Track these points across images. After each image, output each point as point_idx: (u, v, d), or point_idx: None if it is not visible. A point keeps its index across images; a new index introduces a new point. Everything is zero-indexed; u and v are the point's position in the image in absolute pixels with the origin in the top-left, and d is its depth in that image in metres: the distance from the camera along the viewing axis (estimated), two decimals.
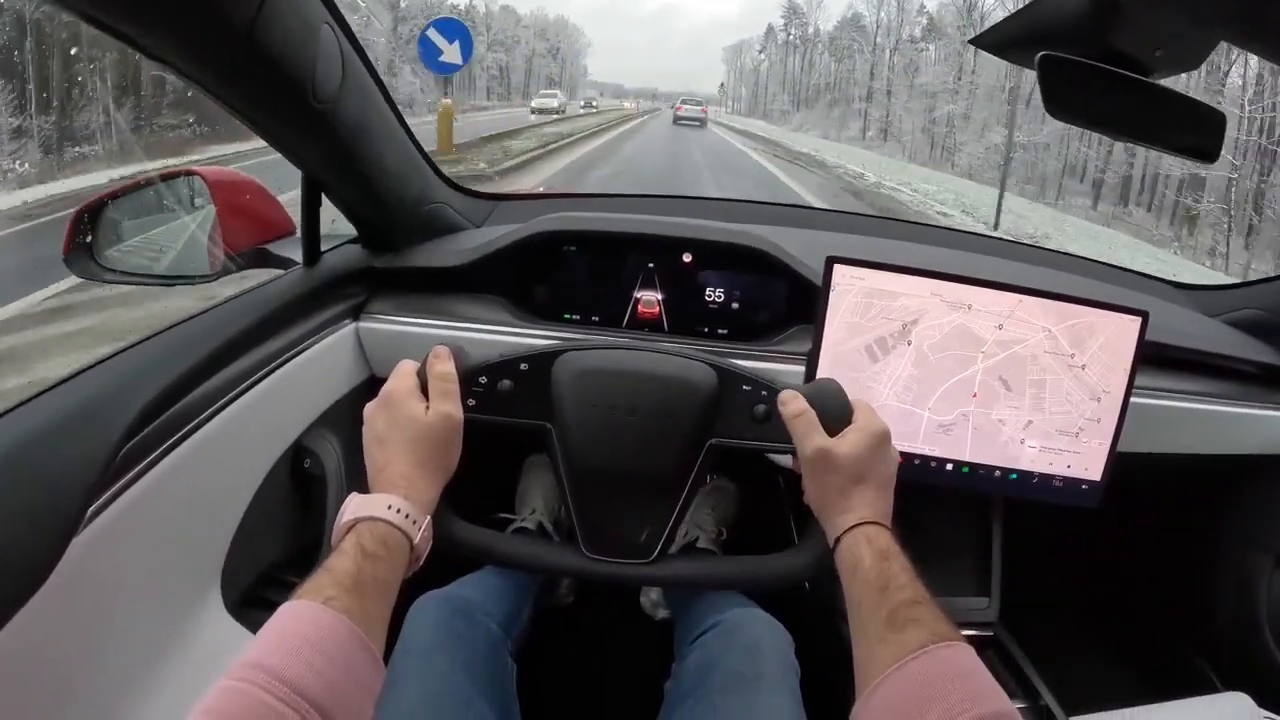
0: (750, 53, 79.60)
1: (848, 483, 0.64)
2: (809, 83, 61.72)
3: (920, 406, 0.90)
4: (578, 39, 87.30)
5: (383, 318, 1.03)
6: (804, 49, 63.75)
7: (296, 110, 0.75)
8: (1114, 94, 0.73)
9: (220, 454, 0.77)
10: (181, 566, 0.75)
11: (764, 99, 71.80)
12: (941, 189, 19.62)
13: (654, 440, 0.69)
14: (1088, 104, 0.75)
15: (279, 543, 0.91)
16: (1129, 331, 0.89)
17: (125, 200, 1.00)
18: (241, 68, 0.67)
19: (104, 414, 0.63)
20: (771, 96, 69.27)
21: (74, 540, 0.57)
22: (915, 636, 0.52)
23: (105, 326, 3.84)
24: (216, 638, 0.75)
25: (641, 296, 1.04)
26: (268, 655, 0.46)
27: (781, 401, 0.68)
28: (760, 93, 74.16)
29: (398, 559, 0.58)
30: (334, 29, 0.76)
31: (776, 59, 69.77)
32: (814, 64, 61.46)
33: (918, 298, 0.89)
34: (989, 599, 1.07)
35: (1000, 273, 0.98)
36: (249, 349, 0.83)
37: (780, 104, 66.04)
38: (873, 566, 0.59)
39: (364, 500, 0.59)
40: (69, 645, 0.61)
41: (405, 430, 0.63)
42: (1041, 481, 0.92)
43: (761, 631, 0.88)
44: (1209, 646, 1.23)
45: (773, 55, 70.95)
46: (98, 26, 0.56)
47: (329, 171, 0.90)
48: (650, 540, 0.71)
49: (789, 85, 66.02)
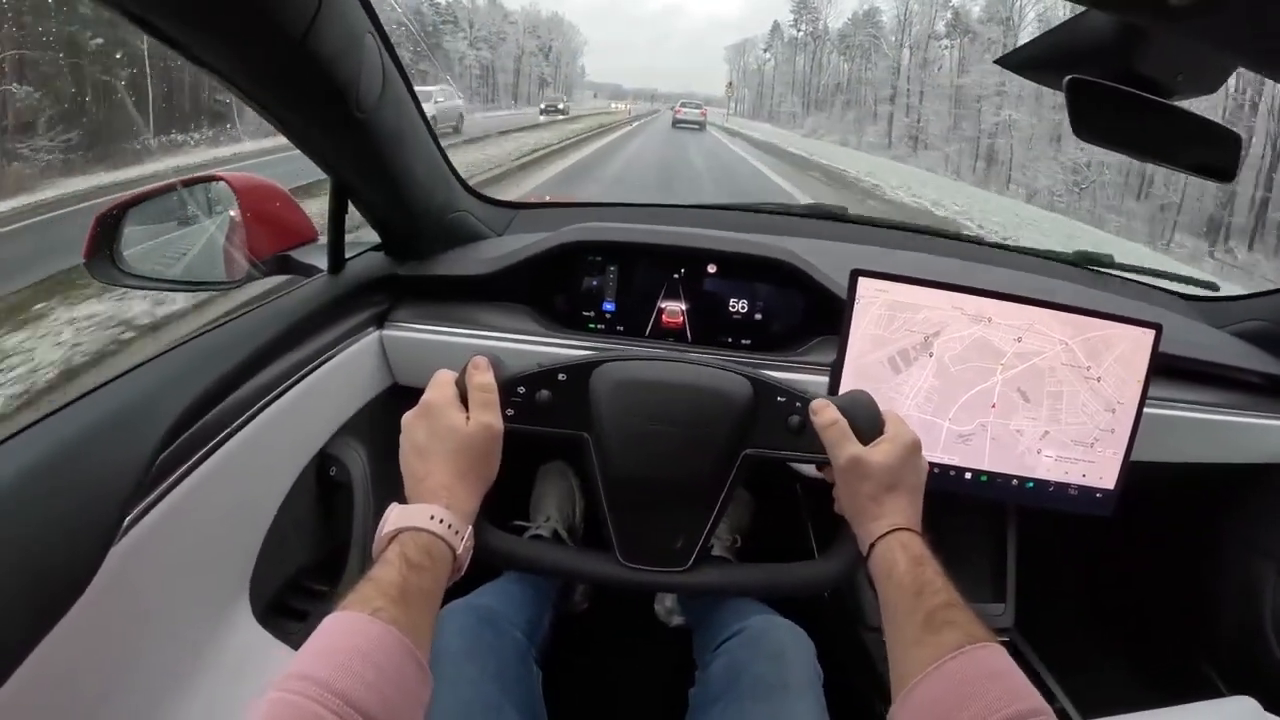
0: (754, 51, 75.81)
1: (880, 490, 0.65)
2: (819, 83, 58.30)
3: (941, 417, 0.92)
4: (573, 37, 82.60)
5: (407, 326, 1.03)
6: (814, 47, 60.65)
7: (338, 119, 0.76)
8: (1137, 116, 0.75)
9: (250, 462, 0.77)
10: (212, 574, 0.75)
11: (770, 100, 68.32)
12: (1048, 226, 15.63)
13: (690, 450, 0.71)
14: (1112, 125, 0.77)
15: (305, 550, 0.92)
16: (1143, 344, 0.91)
17: (148, 205, 1.00)
18: (291, 77, 0.67)
19: (138, 423, 0.63)
20: (779, 97, 66.12)
21: (111, 550, 0.58)
22: (952, 638, 0.54)
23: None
24: (245, 644, 0.76)
25: (666, 306, 1.05)
26: (318, 667, 0.46)
27: (813, 410, 0.69)
28: (766, 94, 70.48)
29: (441, 569, 0.58)
30: (375, 38, 0.77)
31: (783, 58, 66.35)
32: (824, 64, 58.46)
33: (939, 310, 0.91)
34: (1005, 604, 1.09)
35: (1018, 284, 1.00)
36: (277, 357, 0.83)
37: (789, 105, 62.97)
38: (907, 571, 0.60)
39: (406, 511, 0.60)
40: (106, 654, 0.61)
41: (446, 441, 0.64)
42: (1057, 490, 0.94)
43: (786, 638, 0.89)
44: (1216, 651, 1.25)
45: (779, 54, 67.89)
46: (150, 32, 0.56)
47: (360, 179, 0.90)
48: (685, 549, 0.72)
49: (797, 86, 62.69)
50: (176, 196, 1.05)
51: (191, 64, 0.62)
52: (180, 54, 0.60)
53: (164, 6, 0.54)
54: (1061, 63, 0.77)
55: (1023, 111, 29.96)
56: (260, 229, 0.99)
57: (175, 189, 1.04)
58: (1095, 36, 0.75)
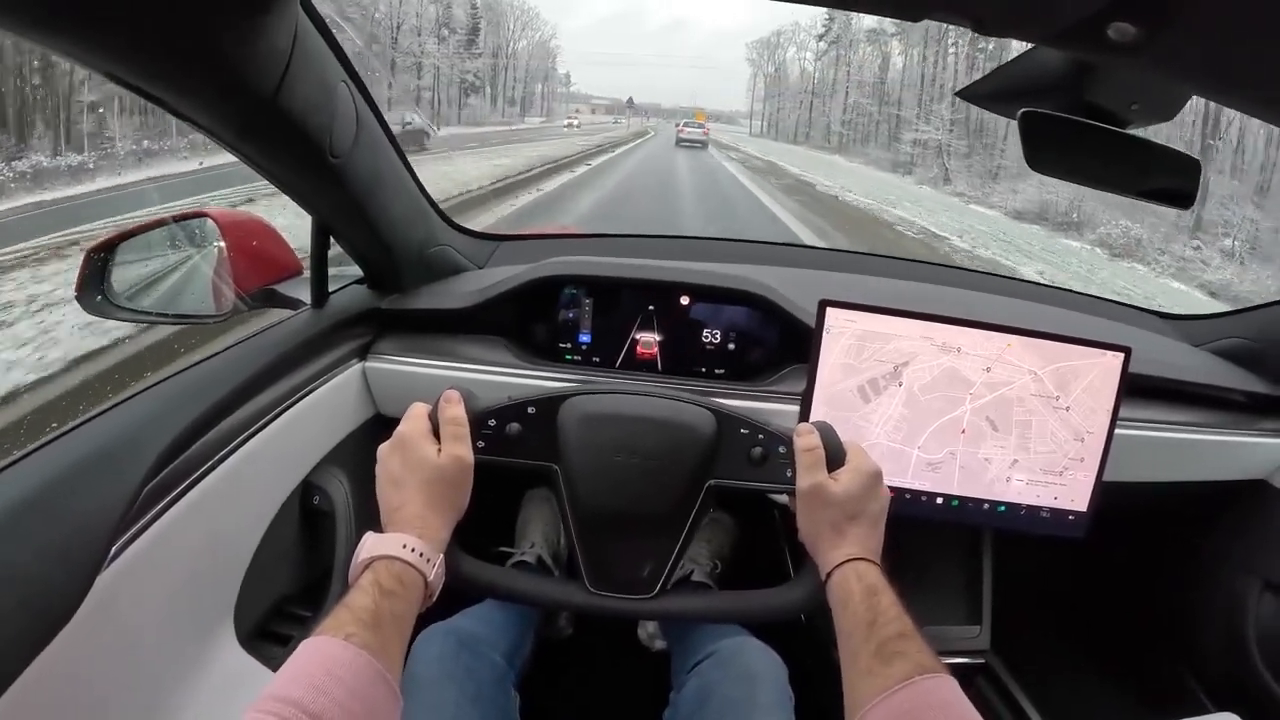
0: (793, 48, 55.80)
1: (841, 519, 0.67)
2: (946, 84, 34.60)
3: (910, 445, 0.93)
4: (535, 26, 57.41)
5: (388, 358, 1.05)
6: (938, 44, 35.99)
7: (314, 165, 0.79)
8: (1092, 146, 0.77)
9: (235, 492, 0.79)
10: (198, 601, 0.77)
11: (805, 115, 50.00)
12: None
13: (656, 482, 0.73)
14: (1067, 157, 0.78)
15: (288, 576, 0.94)
16: (1113, 370, 0.92)
17: (137, 240, 1.03)
18: (265, 128, 0.70)
19: (126, 455, 0.65)
20: (818, 113, 47.72)
21: (99, 577, 0.60)
22: (901, 669, 0.56)
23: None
24: (229, 668, 0.78)
25: (640, 338, 1.07)
26: (293, 688, 0.49)
27: (798, 433, 0.72)
28: (795, 107, 52.47)
29: (413, 595, 0.61)
30: (349, 86, 0.79)
31: (829, 59, 46.71)
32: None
33: (909, 340, 0.92)
34: (980, 627, 1.09)
35: (992, 309, 1.01)
36: (263, 389, 0.86)
37: (853, 133, 42.64)
38: (861, 601, 0.62)
39: (380, 539, 0.62)
40: (93, 677, 0.63)
41: (419, 472, 0.67)
42: (1029, 514, 0.95)
43: (757, 660, 0.90)
44: (1199, 668, 1.25)
45: (818, 53, 49.20)
46: (125, 87, 0.58)
47: (340, 218, 0.93)
48: (652, 576, 0.75)
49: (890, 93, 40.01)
50: (166, 232, 1.08)
51: (174, 117, 0.65)
52: (160, 108, 0.62)
53: (137, 68, 0.57)
54: (1016, 95, 0.78)
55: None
56: (245, 263, 1.01)
57: (164, 224, 1.08)
58: (1047, 69, 0.77)
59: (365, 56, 28.21)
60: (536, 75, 59.08)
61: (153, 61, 0.56)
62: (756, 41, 62.39)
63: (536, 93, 60.50)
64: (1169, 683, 1.28)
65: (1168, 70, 0.62)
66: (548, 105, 62.01)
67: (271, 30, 0.61)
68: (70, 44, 0.51)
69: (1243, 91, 0.59)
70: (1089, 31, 0.47)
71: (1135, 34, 0.46)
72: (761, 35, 64.86)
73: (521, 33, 55.33)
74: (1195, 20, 0.44)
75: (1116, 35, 0.46)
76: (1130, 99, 0.76)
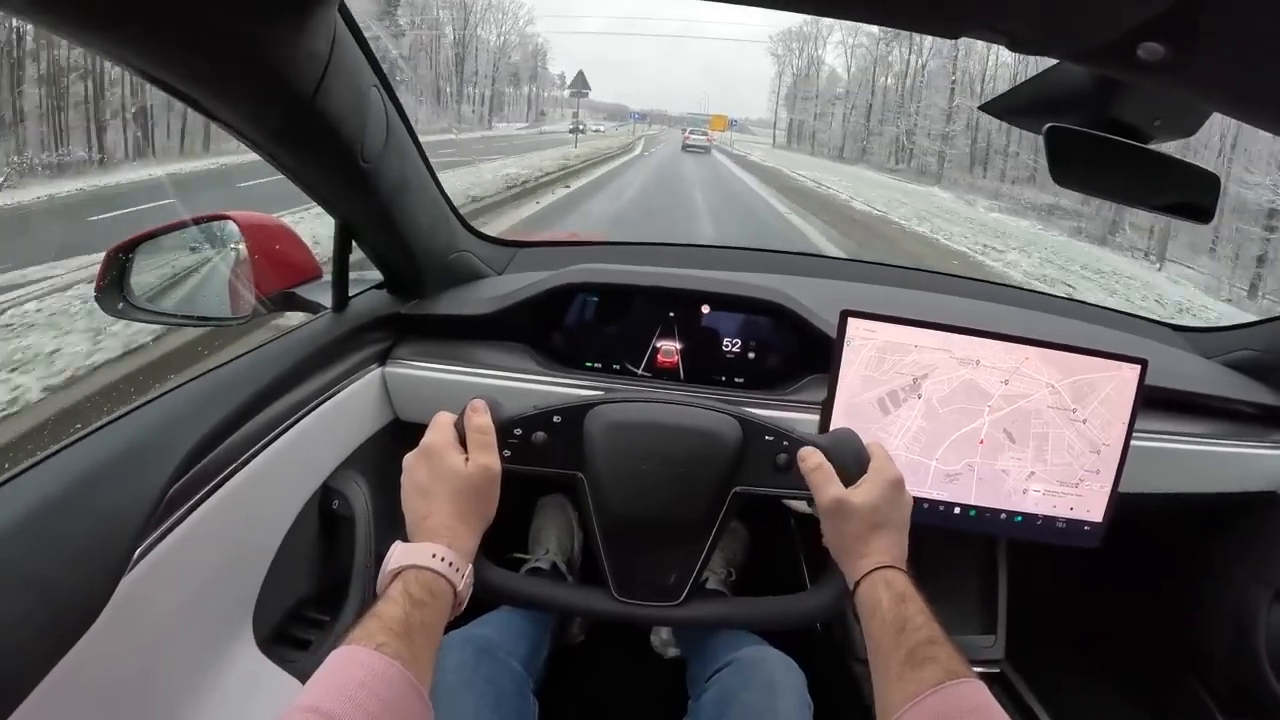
0: (820, 42, 43.52)
1: (865, 529, 0.68)
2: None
3: (928, 456, 0.93)
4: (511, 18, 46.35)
5: (408, 364, 1.05)
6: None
7: (344, 169, 0.79)
8: (1116, 161, 0.77)
9: (255, 496, 0.80)
10: (218, 604, 0.77)
11: (840, 123, 40.96)
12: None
13: (682, 489, 0.73)
14: (1092, 171, 0.78)
15: (306, 580, 0.94)
16: (1129, 382, 0.92)
17: (158, 242, 1.02)
18: (300, 131, 0.70)
19: (150, 457, 0.66)
20: (858, 118, 38.99)
21: (122, 580, 0.60)
22: (932, 674, 0.56)
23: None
24: (248, 671, 0.78)
25: (661, 346, 1.07)
26: (325, 699, 0.49)
27: (801, 458, 0.71)
28: (820, 112, 43.12)
29: (442, 605, 0.61)
30: (380, 91, 0.80)
31: (869, 57, 38.64)
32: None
33: (928, 352, 0.92)
34: (995, 636, 1.09)
35: (1010, 322, 1.01)
36: (284, 393, 0.86)
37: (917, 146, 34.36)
38: (890, 608, 0.62)
39: (409, 549, 0.62)
40: (116, 680, 0.63)
41: (447, 482, 0.66)
42: (1045, 523, 0.95)
43: (777, 669, 0.90)
44: (1210, 679, 1.25)
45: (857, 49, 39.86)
46: (166, 91, 0.59)
47: (365, 223, 0.93)
48: (678, 583, 0.75)
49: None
50: (187, 234, 1.08)
51: (206, 118, 0.65)
52: (195, 110, 0.63)
53: (179, 70, 0.57)
54: (1041, 110, 0.79)
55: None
56: (266, 266, 1.01)
57: (185, 225, 1.07)
58: (1073, 85, 0.77)
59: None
60: (506, 73, 47.40)
61: (195, 62, 0.56)
62: (783, 33, 47.90)
63: (524, 95, 50.39)
64: (1180, 693, 1.28)
65: (1194, 89, 0.62)
66: (537, 110, 51.82)
67: (311, 32, 0.61)
68: (114, 45, 0.52)
69: (1267, 110, 0.60)
70: (1119, 51, 0.48)
71: (1165, 54, 0.46)
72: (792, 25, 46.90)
73: (485, 13, 43.59)
74: (1225, 42, 0.45)
75: (1146, 55, 0.47)
76: (1154, 115, 0.76)
